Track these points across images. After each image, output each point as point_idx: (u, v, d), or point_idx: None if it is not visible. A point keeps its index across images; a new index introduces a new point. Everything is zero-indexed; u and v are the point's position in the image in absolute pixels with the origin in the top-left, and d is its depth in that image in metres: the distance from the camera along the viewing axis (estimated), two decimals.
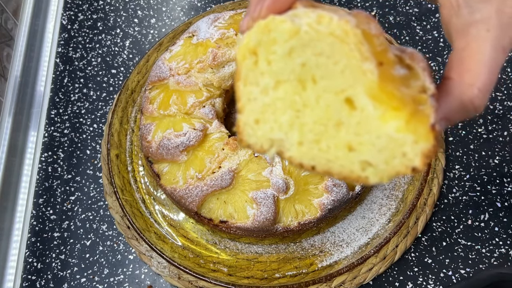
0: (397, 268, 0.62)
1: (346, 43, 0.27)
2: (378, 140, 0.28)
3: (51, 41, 0.81)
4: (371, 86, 0.28)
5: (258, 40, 0.29)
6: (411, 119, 0.28)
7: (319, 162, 0.30)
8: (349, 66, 0.28)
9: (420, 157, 0.28)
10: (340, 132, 0.29)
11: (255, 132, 0.31)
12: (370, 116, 0.28)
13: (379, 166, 0.29)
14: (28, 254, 0.66)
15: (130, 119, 0.70)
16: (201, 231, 0.63)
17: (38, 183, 0.70)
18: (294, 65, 0.29)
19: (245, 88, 0.30)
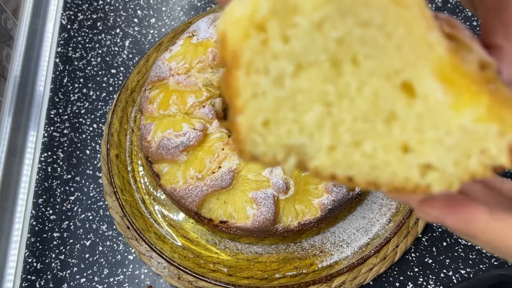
0: (398, 268, 0.62)
1: (406, 6, 0.20)
2: (448, 136, 0.21)
3: (51, 41, 0.81)
4: (441, 64, 0.20)
5: (270, 9, 0.20)
6: (493, 104, 0.21)
7: (359, 171, 0.23)
8: (409, 39, 0.20)
9: (506, 152, 0.21)
10: (393, 129, 0.22)
11: (264, 138, 0.23)
12: (438, 105, 0.21)
13: (447, 170, 0.22)
14: (28, 254, 0.66)
15: (130, 119, 0.69)
16: (201, 231, 0.63)
17: (38, 183, 0.70)
18: (327, 41, 0.20)
19: (248, 78, 0.21)
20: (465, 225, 0.24)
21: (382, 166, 0.22)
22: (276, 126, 0.22)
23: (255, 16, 0.20)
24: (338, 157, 0.22)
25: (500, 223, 0.23)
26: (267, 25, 0.20)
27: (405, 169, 0.22)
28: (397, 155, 0.22)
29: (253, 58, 0.21)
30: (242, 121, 0.22)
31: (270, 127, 0.22)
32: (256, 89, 0.21)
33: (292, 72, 0.21)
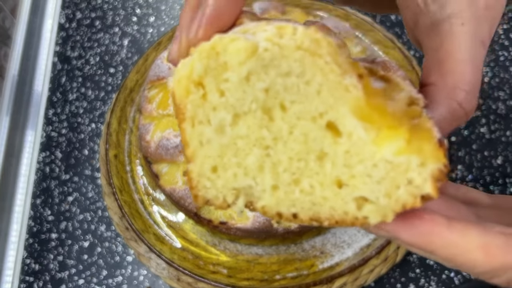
0: (399, 270, 0.62)
1: (319, 55, 0.22)
2: (375, 169, 0.23)
3: (49, 39, 0.81)
4: (358, 104, 0.22)
5: (204, 68, 0.23)
6: (412, 137, 0.22)
7: (302, 207, 0.24)
8: (326, 84, 0.22)
9: (430, 182, 0.22)
10: (325, 166, 0.24)
11: (213, 183, 0.25)
12: (361, 141, 0.23)
13: (380, 202, 0.23)
14: (26, 256, 0.65)
15: (129, 119, 0.69)
16: (200, 232, 0.63)
17: (36, 184, 0.69)
18: (256, 92, 0.23)
19: (194, 129, 0.24)
20: (422, 240, 0.23)
21: (321, 201, 0.24)
22: (223, 170, 0.25)
23: (192, 74, 0.23)
24: (281, 196, 0.24)
25: (460, 237, 0.23)
26: (204, 81, 0.23)
27: (342, 203, 0.24)
28: (333, 190, 0.24)
29: (195, 111, 0.24)
30: (193, 169, 0.25)
31: (218, 172, 0.25)
32: (201, 138, 0.24)
33: (230, 121, 0.24)
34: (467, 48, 0.26)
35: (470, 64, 0.26)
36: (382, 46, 0.68)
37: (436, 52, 0.27)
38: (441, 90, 0.26)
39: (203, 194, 0.25)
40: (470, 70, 0.26)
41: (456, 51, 0.26)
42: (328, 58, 0.22)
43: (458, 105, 0.26)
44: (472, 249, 0.23)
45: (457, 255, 0.23)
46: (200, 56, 0.23)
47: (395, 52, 0.67)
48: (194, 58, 0.23)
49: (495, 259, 0.22)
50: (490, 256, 0.22)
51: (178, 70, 0.24)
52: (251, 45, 0.22)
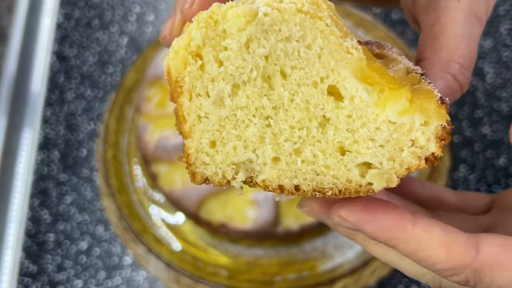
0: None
1: (320, 18, 0.22)
2: (378, 132, 0.23)
3: (47, 38, 0.80)
4: (359, 66, 0.22)
5: (202, 37, 0.22)
6: (414, 97, 0.22)
7: (304, 178, 0.24)
8: (327, 47, 0.22)
9: (435, 140, 0.22)
10: (327, 132, 0.24)
11: (212, 158, 0.24)
12: (363, 103, 0.23)
13: (384, 166, 0.23)
14: (23, 257, 0.65)
15: (128, 119, 0.68)
16: (200, 233, 0.62)
17: (33, 184, 0.69)
18: (256, 59, 0.23)
19: (191, 103, 0.23)
20: (385, 234, 0.24)
21: (323, 170, 0.24)
22: (222, 145, 0.24)
23: (190, 45, 0.23)
24: (282, 167, 0.24)
25: (424, 234, 0.23)
26: (202, 52, 0.23)
27: (345, 170, 0.24)
28: (335, 157, 0.24)
29: (193, 83, 0.23)
30: (190, 145, 0.24)
31: (217, 147, 0.24)
32: (199, 112, 0.24)
33: (230, 91, 0.23)
34: (462, 23, 0.26)
35: (465, 39, 0.26)
36: None
37: (432, 28, 0.27)
38: (436, 64, 0.26)
39: (202, 171, 0.25)
40: (464, 44, 0.26)
41: (451, 26, 0.26)
42: (329, 20, 0.22)
43: (452, 78, 0.26)
44: (435, 247, 0.23)
45: (419, 251, 0.23)
46: (198, 25, 0.22)
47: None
48: (191, 28, 0.22)
49: (456, 258, 0.23)
50: (452, 254, 0.23)
51: (173, 46, 0.24)
52: (250, 11, 0.22)
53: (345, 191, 0.24)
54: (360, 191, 0.24)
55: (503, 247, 0.24)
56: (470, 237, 0.24)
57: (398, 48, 0.28)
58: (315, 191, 0.24)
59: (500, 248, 0.24)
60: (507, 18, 0.75)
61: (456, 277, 0.24)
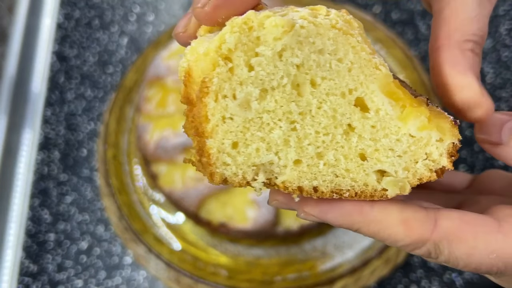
0: (401, 271, 0.61)
1: (351, 34, 0.24)
2: (399, 143, 0.25)
3: (47, 38, 0.80)
4: (386, 82, 0.24)
5: (235, 42, 0.23)
6: (432, 116, 0.25)
7: (324, 180, 0.25)
8: (357, 62, 0.24)
9: (446, 156, 0.25)
10: (351, 139, 0.25)
11: (234, 159, 0.25)
12: (388, 116, 0.25)
13: (399, 175, 0.25)
14: (24, 257, 0.65)
15: (128, 119, 0.68)
16: (200, 233, 0.62)
17: (34, 184, 0.69)
18: (288, 67, 0.24)
19: (217, 103, 0.24)
20: (346, 219, 0.26)
21: (343, 173, 0.25)
22: (245, 146, 0.25)
23: (221, 48, 0.23)
24: (303, 169, 0.25)
25: (381, 214, 0.25)
26: (232, 55, 0.24)
27: (363, 175, 0.25)
28: (356, 162, 0.25)
29: (221, 84, 0.24)
30: (211, 145, 0.24)
31: (239, 148, 0.25)
32: (225, 113, 0.24)
33: (258, 95, 0.24)
34: (474, 6, 0.27)
35: (476, 21, 0.27)
36: (384, 45, 0.68)
37: (443, 12, 0.28)
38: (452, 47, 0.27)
39: (222, 171, 0.25)
40: (476, 26, 0.27)
41: (462, 9, 0.27)
42: (360, 38, 0.24)
43: (472, 53, 0.27)
44: (393, 224, 0.25)
45: (380, 231, 0.25)
46: (232, 30, 0.23)
47: (396, 51, 0.67)
48: (225, 31, 0.23)
49: (414, 232, 0.25)
50: (410, 229, 0.25)
51: (196, 47, 0.24)
52: (288, 22, 0.23)
53: (361, 194, 0.25)
54: (374, 196, 0.25)
55: (460, 220, 0.25)
56: (429, 212, 0.25)
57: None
58: (333, 192, 0.25)
59: (458, 221, 0.25)
60: (506, 18, 0.75)
61: (419, 250, 0.25)
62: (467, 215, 0.26)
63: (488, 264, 0.25)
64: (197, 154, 0.25)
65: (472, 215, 0.26)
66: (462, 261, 0.25)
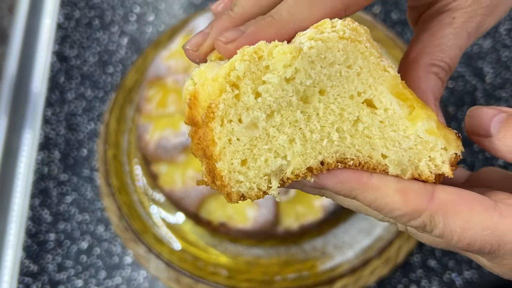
0: (401, 271, 0.61)
1: (359, 41, 0.25)
2: (406, 139, 0.26)
3: (47, 38, 0.80)
4: (395, 83, 0.25)
5: (244, 70, 0.24)
6: (440, 124, 0.26)
7: (328, 152, 0.26)
8: (366, 66, 0.25)
9: (448, 165, 0.26)
10: (358, 127, 0.26)
11: (245, 175, 0.25)
12: (396, 115, 0.26)
13: (402, 163, 0.26)
14: (24, 257, 0.65)
15: (128, 119, 0.68)
16: (200, 233, 0.62)
17: (34, 184, 0.69)
18: (298, 87, 0.25)
19: (223, 128, 0.24)
20: (344, 186, 0.26)
21: (349, 145, 0.26)
22: (254, 161, 0.25)
23: (230, 75, 0.24)
24: (308, 151, 0.26)
25: (379, 182, 0.26)
26: (240, 83, 0.24)
27: (369, 148, 0.26)
28: (363, 139, 0.26)
29: (227, 110, 0.24)
30: (222, 167, 0.25)
31: (249, 164, 0.25)
32: (231, 136, 0.25)
33: (265, 117, 0.25)
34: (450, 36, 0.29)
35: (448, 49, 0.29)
36: (383, 45, 0.68)
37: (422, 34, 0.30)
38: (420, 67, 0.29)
39: (237, 190, 0.25)
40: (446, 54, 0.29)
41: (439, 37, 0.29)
42: (368, 43, 0.24)
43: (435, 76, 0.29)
44: (391, 193, 0.25)
45: (377, 199, 0.26)
46: (243, 58, 0.24)
47: (396, 51, 0.67)
48: (235, 59, 0.24)
49: (411, 203, 0.25)
50: (407, 199, 0.25)
51: (205, 72, 0.25)
52: (294, 48, 0.24)
53: (365, 164, 0.26)
54: (376, 168, 0.26)
55: (457, 195, 0.26)
56: (427, 185, 0.26)
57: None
58: (338, 162, 0.26)
59: (455, 196, 0.26)
60: (506, 19, 0.75)
61: (414, 221, 0.26)
62: (464, 192, 0.26)
63: (482, 241, 0.25)
64: (209, 175, 0.26)
65: (469, 192, 0.26)
66: (456, 235, 0.25)
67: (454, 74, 0.72)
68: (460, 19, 0.29)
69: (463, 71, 0.72)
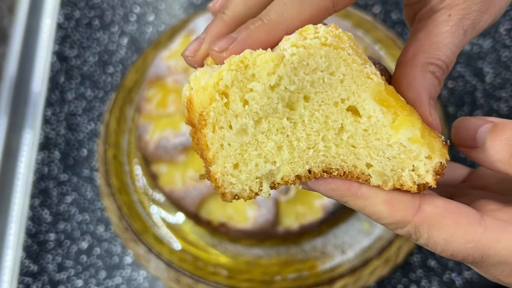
0: (400, 271, 0.61)
1: (341, 48, 0.25)
2: (390, 148, 0.26)
3: (48, 38, 0.80)
4: (378, 90, 0.25)
5: (231, 79, 0.25)
6: (424, 130, 0.25)
7: (314, 161, 0.27)
8: (349, 73, 0.25)
9: (432, 174, 0.26)
10: (343, 136, 0.26)
11: (238, 178, 0.27)
12: (380, 123, 0.26)
13: (386, 171, 0.26)
14: (24, 256, 0.65)
15: (128, 119, 0.68)
16: (200, 233, 0.62)
17: (34, 184, 0.69)
18: (282, 94, 0.25)
19: (215, 134, 0.26)
20: (335, 193, 0.28)
21: (334, 155, 0.27)
22: (245, 165, 0.27)
23: (219, 84, 0.25)
24: (295, 160, 0.27)
25: (369, 192, 0.27)
26: (228, 91, 0.25)
27: (354, 158, 0.27)
28: (347, 149, 0.27)
29: (217, 117, 0.26)
30: (215, 170, 0.27)
31: (240, 167, 0.27)
32: (222, 141, 0.26)
33: (253, 123, 0.26)
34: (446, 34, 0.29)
35: (445, 47, 0.28)
36: (383, 45, 0.68)
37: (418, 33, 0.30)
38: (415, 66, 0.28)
39: (230, 191, 0.27)
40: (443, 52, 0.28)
41: (435, 34, 0.29)
42: (350, 50, 0.24)
43: (432, 75, 0.28)
44: (379, 203, 0.26)
45: (366, 207, 0.27)
46: (230, 68, 0.25)
47: (396, 51, 0.67)
48: (223, 69, 0.25)
49: (397, 214, 0.26)
50: (393, 210, 0.26)
51: (199, 78, 0.26)
52: (276, 56, 0.24)
53: (349, 174, 0.27)
54: (360, 178, 0.27)
55: (443, 208, 0.26)
56: (415, 197, 0.27)
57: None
58: (323, 171, 0.27)
59: (441, 209, 0.26)
60: (506, 19, 0.75)
61: (400, 230, 0.27)
62: (451, 204, 0.27)
63: (464, 253, 0.26)
64: (207, 175, 0.27)
65: (456, 204, 0.27)
66: (440, 246, 0.26)
67: (454, 74, 0.72)
68: (456, 16, 0.29)
69: (463, 71, 0.72)
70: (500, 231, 0.26)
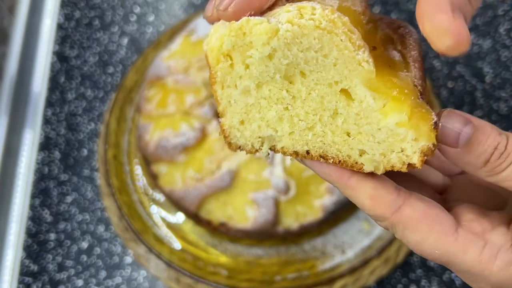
0: (400, 270, 0.61)
1: (335, 34, 0.25)
2: (379, 132, 0.27)
3: (48, 39, 0.80)
4: (368, 77, 0.26)
5: (232, 44, 0.27)
6: (413, 114, 0.26)
7: (313, 146, 0.29)
8: (341, 58, 0.26)
9: (418, 155, 0.27)
10: (337, 120, 0.28)
11: (242, 133, 0.30)
12: (370, 108, 0.27)
13: (375, 157, 0.28)
14: (24, 256, 0.65)
15: (128, 119, 0.69)
16: (200, 233, 0.62)
17: (34, 184, 0.69)
18: (278, 65, 0.27)
19: (223, 91, 0.29)
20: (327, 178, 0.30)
21: (330, 143, 0.29)
22: (249, 123, 0.30)
23: (222, 47, 0.27)
24: (296, 138, 0.29)
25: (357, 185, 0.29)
26: (231, 54, 0.27)
27: (347, 148, 0.29)
28: (342, 138, 0.29)
29: (224, 77, 0.28)
30: (224, 122, 0.30)
31: (245, 125, 0.30)
32: (230, 99, 0.29)
33: (255, 86, 0.28)
34: None
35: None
36: None
37: None
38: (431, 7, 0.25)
39: (235, 142, 0.30)
40: None
41: None
42: (343, 36, 0.25)
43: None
44: (364, 197, 0.29)
45: (352, 196, 0.29)
46: (230, 34, 0.26)
47: None
48: (224, 34, 0.27)
49: (377, 209, 0.28)
50: (375, 205, 0.28)
51: (212, 37, 0.28)
52: (271, 28, 0.26)
53: (344, 162, 0.29)
54: (354, 167, 0.29)
55: (422, 213, 0.28)
56: (399, 197, 0.28)
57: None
58: (320, 156, 0.29)
59: (419, 213, 0.28)
60: (506, 19, 0.75)
61: (380, 223, 0.29)
62: (431, 210, 0.28)
63: (433, 257, 0.28)
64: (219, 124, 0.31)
65: (436, 211, 0.28)
66: (411, 245, 0.29)
67: (454, 74, 0.72)
68: None
69: (462, 71, 0.72)
70: (468, 244, 0.27)
